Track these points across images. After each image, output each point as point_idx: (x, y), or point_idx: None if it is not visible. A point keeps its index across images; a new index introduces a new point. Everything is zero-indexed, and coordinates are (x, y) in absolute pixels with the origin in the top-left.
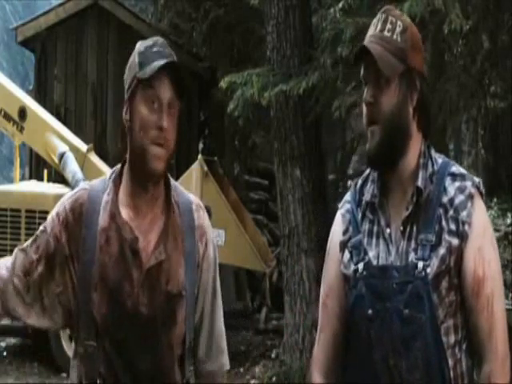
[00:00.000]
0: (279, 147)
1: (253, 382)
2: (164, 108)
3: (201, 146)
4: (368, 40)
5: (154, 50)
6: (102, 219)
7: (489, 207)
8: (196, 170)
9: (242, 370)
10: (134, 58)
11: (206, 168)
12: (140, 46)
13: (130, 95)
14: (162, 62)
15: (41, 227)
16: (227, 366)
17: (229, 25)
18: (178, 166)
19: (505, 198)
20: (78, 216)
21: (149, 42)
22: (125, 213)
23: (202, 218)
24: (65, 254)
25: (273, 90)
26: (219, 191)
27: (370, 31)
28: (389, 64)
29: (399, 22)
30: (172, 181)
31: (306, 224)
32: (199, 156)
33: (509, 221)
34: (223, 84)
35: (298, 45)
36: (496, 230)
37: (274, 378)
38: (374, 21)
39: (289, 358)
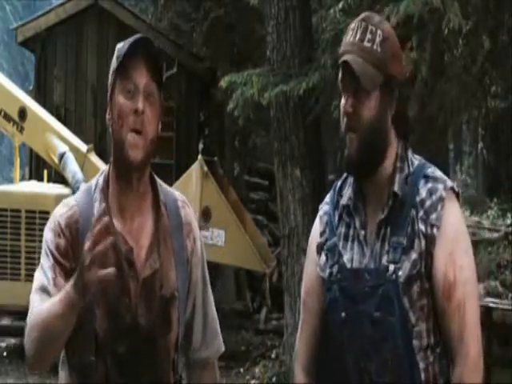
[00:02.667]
0: (279, 147)
1: (253, 382)
2: (140, 92)
3: (201, 146)
4: (348, 49)
5: (132, 41)
6: None
7: (489, 207)
8: (196, 170)
9: (241, 370)
10: (114, 57)
11: (206, 168)
12: (119, 43)
13: (110, 92)
14: (136, 37)
15: (43, 257)
16: (222, 348)
17: (229, 25)
18: (178, 166)
19: (505, 198)
20: (75, 233)
21: (127, 40)
22: (116, 221)
23: (188, 214)
24: (69, 263)
25: (273, 90)
26: (219, 191)
27: (349, 37)
28: (370, 77)
29: (379, 32)
30: (157, 179)
31: (306, 224)
32: (199, 156)
33: (509, 221)
34: (223, 84)
35: (298, 45)
36: (496, 230)
37: (273, 379)
38: (353, 26)
39: (289, 358)
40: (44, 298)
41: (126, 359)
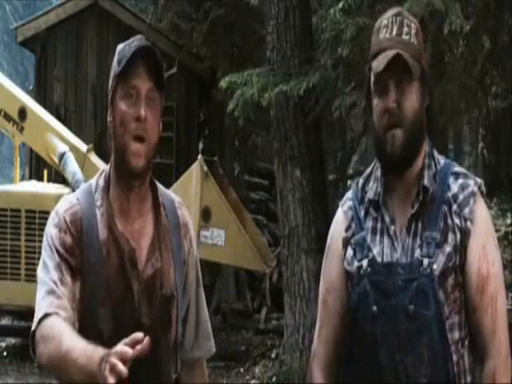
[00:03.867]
0: (279, 147)
1: (253, 382)
2: (142, 99)
3: (201, 146)
4: (388, 44)
5: (133, 44)
6: (101, 233)
7: (489, 207)
8: (196, 170)
9: (241, 370)
10: (114, 57)
11: (206, 168)
12: (119, 45)
13: (111, 95)
14: (137, 44)
15: (46, 254)
16: (213, 350)
17: (229, 25)
18: (178, 166)
19: (505, 198)
20: (80, 230)
21: (128, 40)
22: (118, 222)
23: (185, 215)
24: (75, 261)
25: (273, 90)
26: (219, 191)
27: (385, 34)
28: (415, 69)
29: (413, 24)
30: (155, 181)
31: (306, 224)
32: (199, 156)
33: (509, 221)
34: (223, 84)
35: (298, 45)
36: (496, 230)
37: (274, 378)
38: (386, 23)
39: (289, 358)
40: (53, 300)
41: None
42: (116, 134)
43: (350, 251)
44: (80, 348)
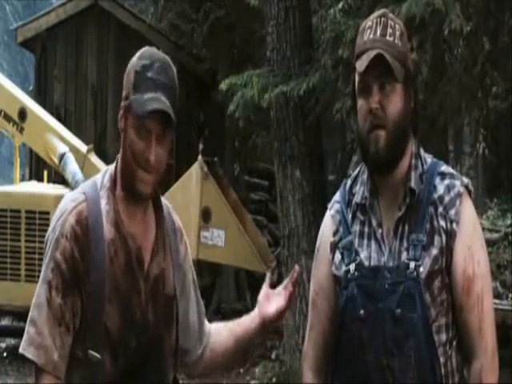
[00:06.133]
0: (279, 148)
1: (253, 382)
2: (153, 140)
3: (201, 146)
4: (372, 45)
5: (149, 75)
6: (108, 231)
7: (489, 208)
8: (196, 170)
9: (241, 370)
10: (131, 73)
11: (206, 169)
12: (138, 62)
13: (125, 109)
14: (154, 105)
15: (49, 261)
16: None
17: (229, 26)
18: (178, 167)
19: (505, 199)
20: (86, 229)
21: (146, 60)
22: (125, 221)
23: (178, 220)
24: (79, 268)
25: (273, 90)
26: (219, 192)
27: (369, 35)
28: (398, 71)
29: (397, 26)
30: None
31: (306, 225)
32: (199, 157)
33: (509, 221)
34: (223, 86)
35: (298, 46)
36: (496, 231)
37: (273, 379)
38: (370, 24)
39: (289, 359)
40: (61, 332)
41: (135, 356)
42: (124, 155)
43: (337, 255)
44: None
